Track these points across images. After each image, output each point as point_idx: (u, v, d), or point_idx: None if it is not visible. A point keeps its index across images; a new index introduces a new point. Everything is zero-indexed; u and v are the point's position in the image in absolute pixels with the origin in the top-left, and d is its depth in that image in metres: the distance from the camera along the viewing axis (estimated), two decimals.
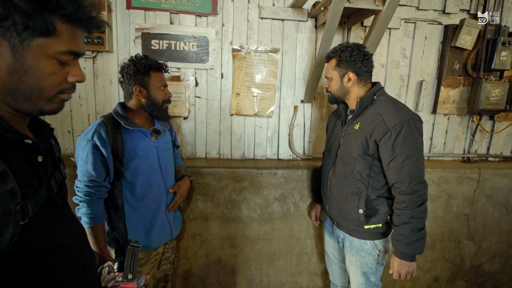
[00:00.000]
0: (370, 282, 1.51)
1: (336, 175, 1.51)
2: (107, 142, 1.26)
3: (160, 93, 1.39)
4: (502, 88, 2.04)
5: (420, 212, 1.31)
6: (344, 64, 1.41)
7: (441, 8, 2.03)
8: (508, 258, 2.27)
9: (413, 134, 1.30)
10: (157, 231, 1.43)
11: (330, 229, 1.68)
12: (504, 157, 2.31)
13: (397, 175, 1.31)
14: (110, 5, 1.80)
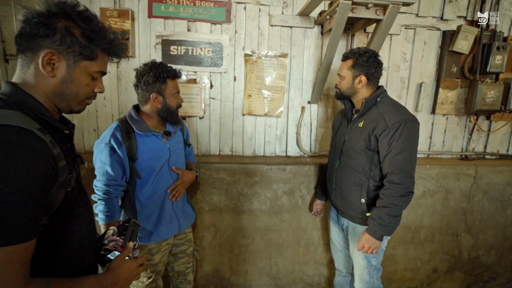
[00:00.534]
0: (371, 265, 1.65)
1: (342, 168, 1.66)
2: (123, 144, 1.37)
3: (174, 99, 1.49)
4: (497, 90, 2.17)
5: (401, 201, 1.45)
6: (359, 67, 1.54)
7: (439, 15, 2.17)
8: (504, 251, 2.39)
9: (408, 132, 1.44)
10: (164, 225, 1.53)
11: (335, 218, 1.82)
12: (501, 155, 2.44)
13: (390, 167, 1.47)
14: (133, 14, 1.97)
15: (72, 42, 0.72)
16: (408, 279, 2.37)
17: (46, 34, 0.69)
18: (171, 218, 1.55)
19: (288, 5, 2.06)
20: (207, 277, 2.19)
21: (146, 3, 1.97)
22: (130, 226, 0.98)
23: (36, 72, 0.72)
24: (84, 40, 0.74)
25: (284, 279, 2.26)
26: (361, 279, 1.71)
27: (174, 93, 1.48)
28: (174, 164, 1.55)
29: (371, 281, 1.69)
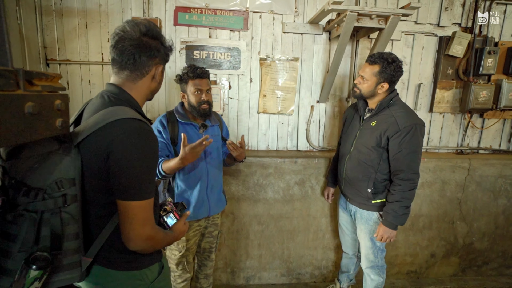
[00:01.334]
0: (376, 246, 1.87)
1: (352, 161, 1.84)
2: (167, 128, 1.68)
3: (194, 97, 1.67)
4: (489, 90, 2.39)
5: (410, 194, 1.66)
6: (385, 75, 1.65)
7: (436, 22, 2.39)
8: (496, 237, 2.61)
9: (417, 135, 1.64)
10: (196, 206, 1.75)
11: (344, 205, 2.03)
12: (493, 150, 2.65)
13: (400, 165, 1.66)
14: (161, 23, 2.19)
15: (164, 55, 1.02)
16: (408, 263, 2.59)
17: (155, 55, 0.97)
18: (203, 201, 1.77)
19: (300, 14, 2.28)
20: (225, 260, 2.42)
21: (172, 12, 2.20)
22: (180, 205, 1.22)
23: (144, 79, 0.97)
24: (165, 51, 1.02)
25: (295, 262, 2.49)
26: (366, 258, 1.92)
27: (194, 92, 1.68)
28: (208, 154, 1.77)
29: (375, 260, 1.90)
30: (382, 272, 1.93)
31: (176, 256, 1.81)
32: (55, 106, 0.74)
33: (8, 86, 0.59)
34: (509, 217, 2.58)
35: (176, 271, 1.86)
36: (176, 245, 1.79)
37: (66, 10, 2.14)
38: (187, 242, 1.79)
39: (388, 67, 1.64)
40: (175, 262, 1.83)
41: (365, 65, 1.73)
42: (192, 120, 1.74)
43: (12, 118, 0.60)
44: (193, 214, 1.76)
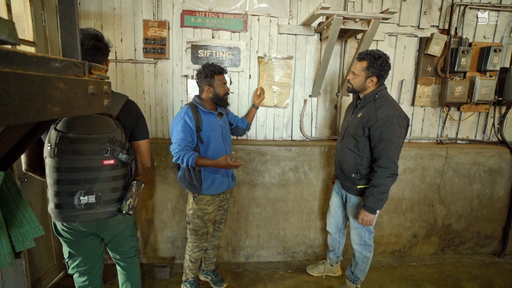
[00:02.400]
0: (362, 227, 2.05)
1: (342, 149, 2.05)
2: (193, 119, 1.93)
3: (221, 89, 2.03)
4: (464, 86, 2.65)
5: (387, 181, 1.81)
6: (373, 70, 1.81)
7: (416, 24, 2.65)
8: (471, 219, 2.88)
9: (394, 126, 1.77)
10: (219, 181, 2.06)
11: (337, 189, 2.27)
12: (470, 140, 2.92)
13: (378, 153, 1.83)
14: (169, 24, 2.44)
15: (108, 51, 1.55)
16: (392, 243, 2.86)
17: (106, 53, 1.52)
18: (223, 177, 2.08)
19: (294, 17, 2.54)
20: (226, 239, 2.67)
21: (179, 15, 2.45)
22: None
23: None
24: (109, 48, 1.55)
25: (290, 242, 2.74)
26: (354, 236, 2.13)
27: (221, 84, 2.01)
28: (225, 136, 2.08)
29: (362, 240, 2.10)
30: (369, 251, 2.13)
31: (200, 227, 2.08)
32: (104, 90, 0.99)
33: (80, 73, 0.84)
34: (482, 201, 2.85)
35: (196, 241, 2.12)
36: (200, 218, 2.06)
37: (84, 13, 2.38)
38: (210, 215, 2.08)
39: (375, 62, 1.80)
40: (199, 233, 2.09)
41: (355, 62, 1.92)
42: (210, 109, 2.03)
43: (82, 96, 0.85)
44: (217, 189, 2.06)
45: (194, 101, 2.02)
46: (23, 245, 1.18)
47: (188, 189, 2.04)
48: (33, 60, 0.64)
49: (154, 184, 2.51)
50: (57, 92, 0.74)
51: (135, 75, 2.50)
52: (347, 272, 2.30)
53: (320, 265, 2.56)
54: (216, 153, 2.00)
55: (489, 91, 2.67)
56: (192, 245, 2.14)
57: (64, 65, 0.78)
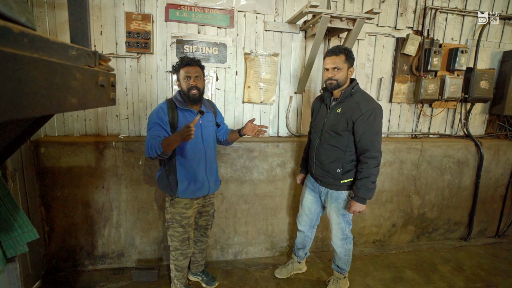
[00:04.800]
0: (345, 221, 2.11)
1: (322, 146, 2.03)
2: (167, 115, 1.82)
3: (184, 83, 1.83)
4: (436, 84, 2.86)
5: (375, 170, 1.89)
6: (350, 60, 1.88)
7: (394, 25, 2.80)
8: (443, 208, 3.11)
9: (377, 118, 1.87)
10: (197, 185, 1.95)
11: (311, 187, 2.22)
12: (440, 134, 3.16)
13: (365, 145, 1.88)
14: (153, 18, 2.35)
15: None
16: (374, 233, 3.00)
17: None
18: (203, 180, 1.96)
19: (279, 14, 2.56)
20: (215, 237, 2.64)
21: (163, 9, 2.37)
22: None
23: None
24: None
25: (277, 237, 2.78)
26: (336, 232, 2.16)
27: (184, 78, 1.84)
28: (205, 137, 1.95)
29: (344, 234, 2.15)
30: (350, 243, 2.18)
31: (179, 233, 1.97)
32: (111, 82, 0.93)
33: (91, 63, 0.79)
34: (452, 190, 3.09)
35: (179, 248, 2.00)
36: (179, 223, 1.96)
37: (58, 2, 2.22)
38: (189, 219, 1.98)
39: (350, 53, 1.89)
40: (179, 239, 1.98)
41: (332, 58, 1.88)
42: (190, 107, 1.91)
43: (93, 88, 0.80)
44: (194, 193, 1.94)
45: (174, 97, 1.91)
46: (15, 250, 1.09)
47: (165, 191, 1.94)
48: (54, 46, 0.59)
49: (140, 183, 2.42)
50: (75, 82, 0.69)
51: (116, 70, 2.38)
52: (333, 266, 2.33)
53: (288, 266, 2.51)
54: (193, 154, 1.90)
55: (457, 89, 2.90)
56: (175, 253, 2.02)
57: (79, 53, 0.73)
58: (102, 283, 2.32)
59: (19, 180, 2.07)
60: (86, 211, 2.38)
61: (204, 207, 2.13)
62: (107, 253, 2.48)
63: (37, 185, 2.27)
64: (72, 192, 2.33)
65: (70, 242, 2.41)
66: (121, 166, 2.37)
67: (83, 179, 2.32)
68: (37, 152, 2.22)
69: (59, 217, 2.34)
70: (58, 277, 2.37)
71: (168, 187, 1.92)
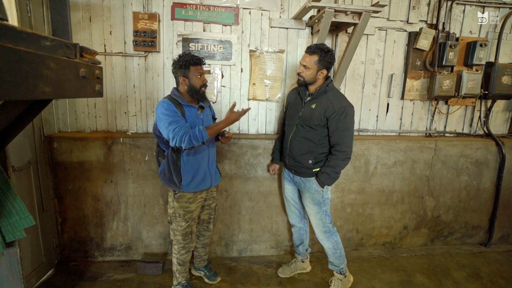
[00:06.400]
0: (322, 211, 2.13)
1: (295, 138, 2.10)
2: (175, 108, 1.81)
3: (197, 80, 1.91)
4: (451, 79, 2.71)
5: (342, 163, 1.99)
6: (323, 63, 1.92)
7: (406, 19, 2.70)
8: (459, 210, 2.95)
9: (349, 115, 1.95)
10: (200, 178, 1.98)
11: (288, 178, 2.28)
12: (457, 133, 2.99)
13: (336, 140, 1.98)
14: (159, 17, 2.41)
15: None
16: (383, 235, 2.90)
17: None
18: (205, 174, 1.99)
19: (285, 11, 2.54)
20: (219, 234, 2.66)
21: (169, 8, 2.42)
22: None
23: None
24: None
25: (282, 235, 2.75)
26: (316, 224, 2.17)
27: (197, 75, 1.88)
28: None
29: (325, 226, 2.15)
30: (334, 235, 2.19)
31: (182, 227, 1.99)
32: (96, 74, 0.97)
33: (71, 55, 0.82)
34: (470, 192, 2.92)
35: (181, 242, 2.03)
36: (182, 217, 1.98)
37: (71, 4, 2.33)
38: (192, 213, 2.01)
39: (326, 55, 1.90)
40: (181, 233, 2.00)
41: (305, 56, 1.97)
42: (190, 102, 1.94)
43: (73, 78, 0.83)
44: (198, 186, 1.97)
45: (172, 94, 1.91)
46: (13, 235, 1.15)
47: (168, 186, 1.97)
48: (22, 35, 0.62)
49: (146, 178, 2.48)
50: (48, 71, 0.72)
51: (125, 69, 2.46)
52: (329, 266, 2.28)
53: (292, 265, 2.49)
54: (197, 149, 1.91)
55: (475, 85, 2.74)
56: (178, 247, 2.04)
57: (54, 44, 0.76)
58: (109, 274, 2.41)
59: (33, 173, 2.19)
60: (95, 204, 2.47)
61: (206, 200, 2.15)
62: (115, 245, 2.57)
63: (50, 178, 2.39)
64: (82, 185, 2.43)
65: (81, 233, 2.51)
66: (128, 161, 2.44)
67: (92, 173, 2.42)
68: (51, 146, 2.34)
69: (70, 209, 2.45)
70: (70, 267, 2.48)
71: (172, 181, 1.94)
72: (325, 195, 2.13)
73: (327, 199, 2.15)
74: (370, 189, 2.77)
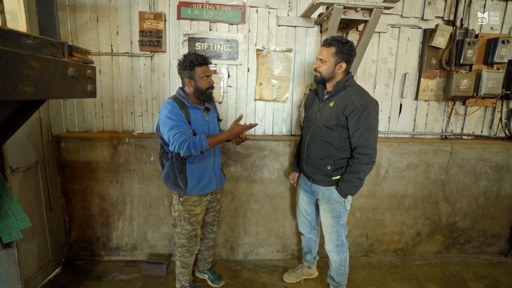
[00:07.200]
0: (339, 224, 1.95)
1: (312, 141, 1.92)
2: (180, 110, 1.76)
3: (204, 82, 1.85)
4: (470, 79, 2.57)
5: (367, 168, 1.77)
6: (341, 55, 1.75)
7: (420, 16, 2.57)
8: (477, 217, 2.79)
9: (372, 113, 1.74)
10: (205, 181, 1.93)
11: (305, 187, 2.10)
12: (476, 135, 2.83)
13: (358, 141, 1.77)
14: (165, 17, 2.39)
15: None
16: (395, 241, 2.78)
17: None
18: (211, 177, 1.95)
19: (293, 8, 2.47)
20: (224, 236, 2.62)
21: (175, 7, 2.40)
22: None
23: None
24: None
25: (289, 239, 2.68)
26: (330, 236, 2.00)
27: (203, 77, 1.82)
28: (212, 133, 1.91)
29: (339, 239, 1.98)
30: (345, 251, 2.02)
31: (187, 230, 1.96)
32: (87, 74, 0.94)
33: (58, 54, 0.79)
34: (489, 198, 2.76)
35: (185, 245, 1.99)
36: (187, 220, 1.95)
37: (79, 5, 2.34)
38: (197, 216, 1.97)
39: (344, 47, 1.74)
40: (186, 236, 1.97)
41: (322, 49, 1.82)
42: (196, 104, 1.89)
43: (60, 78, 0.80)
44: (204, 189, 1.93)
45: (178, 94, 1.85)
46: (10, 236, 1.14)
47: (173, 189, 1.92)
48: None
49: (151, 179, 2.47)
50: (29, 71, 0.69)
51: (131, 69, 2.46)
52: (328, 280, 2.17)
53: (298, 270, 2.40)
54: None
55: (496, 85, 2.58)
56: (182, 250, 2.01)
57: (37, 42, 0.73)
58: (114, 274, 2.41)
59: (41, 172, 2.22)
60: (102, 204, 2.48)
61: (210, 203, 2.12)
62: (121, 245, 2.58)
63: (58, 178, 2.41)
64: (89, 185, 2.44)
65: (87, 232, 2.53)
66: (133, 161, 2.44)
67: (99, 173, 2.43)
68: (58, 146, 2.36)
69: (77, 208, 2.47)
70: (77, 265, 2.50)
71: (177, 185, 1.89)
72: (347, 206, 1.94)
73: (346, 211, 1.95)
74: (381, 193, 2.66)
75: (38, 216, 2.19)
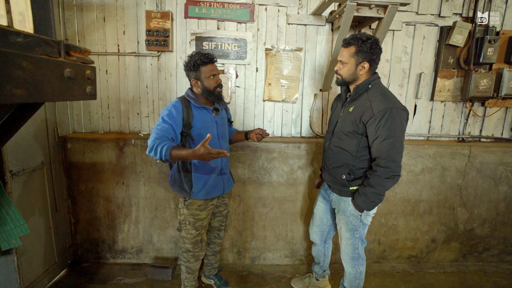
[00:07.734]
0: (355, 237, 1.81)
1: (330, 148, 1.81)
2: (181, 113, 1.72)
3: (210, 81, 1.79)
4: (490, 78, 2.44)
5: (386, 182, 1.59)
6: (363, 54, 1.59)
7: (437, 13, 2.45)
8: (497, 224, 2.65)
9: (393, 120, 1.54)
10: (212, 185, 1.87)
11: (324, 194, 2.00)
12: (495, 138, 2.69)
13: (377, 151, 1.60)
14: (173, 15, 2.34)
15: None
16: (408, 248, 2.67)
17: None
18: (217, 180, 1.89)
19: (303, 6, 2.39)
20: (231, 240, 2.55)
21: (183, 6, 2.34)
22: None
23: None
24: None
25: (298, 244, 2.60)
26: (345, 248, 1.88)
27: (209, 76, 1.76)
28: (221, 135, 1.87)
29: (355, 252, 1.84)
30: (361, 265, 1.88)
31: (192, 235, 1.90)
32: (86, 75, 0.88)
33: (53, 53, 0.74)
34: (510, 204, 2.62)
35: (191, 250, 1.93)
36: (192, 225, 1.89)
37: (86, 5, 2.31)
38: (203, 221, 1.91)
39: (364, 45, 1.58)
40: (191, 241, 1.91)
41: (342, 50, 1.69)
42: (204, 104, 1.83)
43: (55, 80, 0.74)
44: (209, 193, 1.86)
45: (186, 94, 1.82)
46: (9, 243, 1.10)
47: (179, 193, 1.87)
48: None
49: (157, 181, 2.42)
50: (19, 71, 0.63)
51: (138, 69, 2.42)
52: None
53: (306, 279, 2.30)
54: None
55: None
56: (187, 255, 1.95)
57: (29, 41, 0.67)
58: (119, 278, 2.37)
59: (47, 174, 2.19)
60: (107, 206, 2.45)
61: (217, 207, 2.05)
62: (126, 248, 2.54)
63: (64, 179, 2.39)
64: (95, 186, 2.41)
65: (93, 234, 2.50)
66: (139, 163, 2.40)
67: (105, 175, 2.40)
68: (65, 147, 2.34)
69: (83, 210, 2.44)
70: (82, 268, 2.48)
71: (182, 188, 1.85)
72: (365, 220, 1.78)
73: (364, 225, 1.80)
74: (394, 198, 2.55)
75: (44, 218, 2.17)
